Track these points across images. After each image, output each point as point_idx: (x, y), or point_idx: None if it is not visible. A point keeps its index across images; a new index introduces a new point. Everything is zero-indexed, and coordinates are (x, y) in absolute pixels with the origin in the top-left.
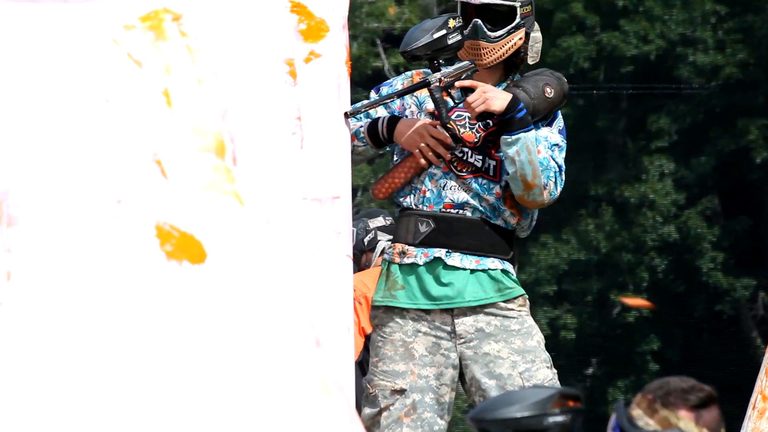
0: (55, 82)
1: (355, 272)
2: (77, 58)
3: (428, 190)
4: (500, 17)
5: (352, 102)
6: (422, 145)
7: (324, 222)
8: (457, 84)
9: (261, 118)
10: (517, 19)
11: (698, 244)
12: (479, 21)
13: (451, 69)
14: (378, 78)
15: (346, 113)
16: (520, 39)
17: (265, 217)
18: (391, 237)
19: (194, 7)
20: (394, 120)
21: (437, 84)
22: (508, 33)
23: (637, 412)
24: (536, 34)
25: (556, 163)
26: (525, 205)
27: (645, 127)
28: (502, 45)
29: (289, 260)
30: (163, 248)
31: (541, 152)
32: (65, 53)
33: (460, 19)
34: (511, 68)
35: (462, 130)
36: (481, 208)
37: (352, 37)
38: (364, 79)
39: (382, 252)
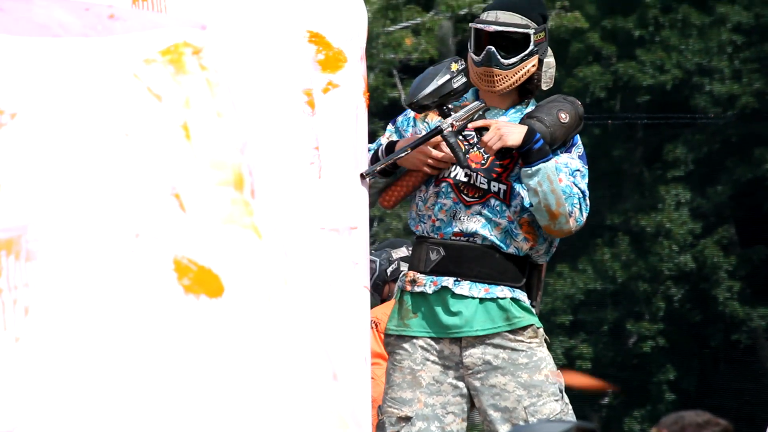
0: (76, 116)
1: (377, 303)
2: (98, 93)
3: (438, 219)
4: (514, 44)
5: (370, 133)
6: (429, 161)
7: (341, 252)
8: (470, 126)
9: (279, 148)
10: (531, 46)
11: (714, 274)
12: (492, 48)
13: (461, 112)
14: (394, 108)
15: (362, 174)
16: (534, 66)
17: (283, 250)
18: None
19: (214, 40)
20: (391, 145)
21: (450, 129)
22: (522, 60)
23: None
24: (549, 60)
25: (579, 189)
26: (553, 234)
27: (661, 157)
28: (515, 72)
29: (307, 293)
30: (181, 282)
31: (562, 180)
32: (86, 88)
33: (463, 62)
34: (525, 94)
35: (471, 149)
36: (491, 237)
37: (369, 68)
38: (380, 110)
39: None
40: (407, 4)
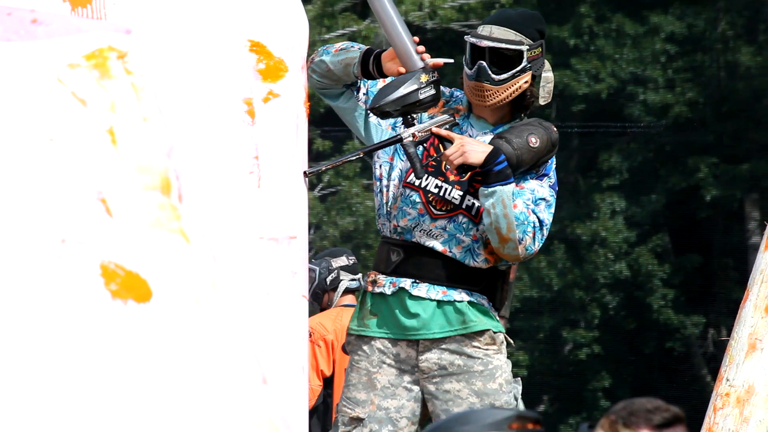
0: None
1: (317, 311)
2: (21, 97)
3: (399, 225)
4: (506, 60)
5: (308, 140)
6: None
7: (280, 262)
8: (434, 130)
9: (218, 157)
10: (524, 63)
11: (649, 282)
12: (484, 63)
13: (426, 124)
14: (330, 116)
15: (305, 172)
16: (526, 82)
17: (211, 254)
18: (353, 276)
19: (141, 45)
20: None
21: (410, 139)
22: (513, 76)
23: None
24: (547, 74)
25: (537, 217)
26: (502, 257)
27: (596, 165)
28: (506, 88)
29: (237, 297)
30: (108, 287)
31: (517, 206)
32: (8, 93)
33: (435, 74)
34: (519, 109)
35: (430, 160)
36: (450, 254)
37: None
38: (316, 117)
39: (345, 291)
40: (343, 12)
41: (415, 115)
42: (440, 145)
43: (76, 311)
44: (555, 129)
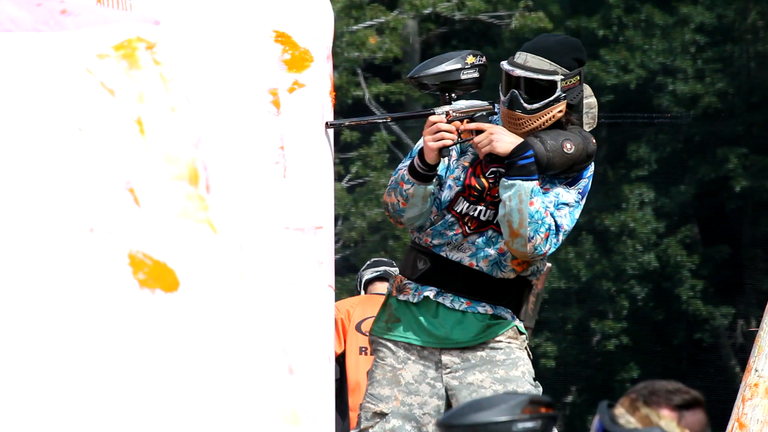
0: (29, 111)
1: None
2: (51, 87)
3: (432, 242)
4: (539, 90)
5: (362, 143)
6: (427, 137)
7: (306, 252)
8: (463, 127)
9: (244, 147)
10: (557, 93)
11: (678, 273)
12: (516, 92)
13: (462, 105)
14: (358, 107)
15: (327, 123)
16: (561, 111)
17: (238, 244)
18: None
19: (169, 36)
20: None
21: (443, 116)
22: (546, 106)
23: (619, 411)
24: (590, 100)
25: (555, 221)
26: (510, 252)
27: (625, 156)
28: (538, 117)
29: (264, 288)
30: (136, 276)
31: (534, 204)
32: (39, 82)
33: (482, 59)
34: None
35: (459, 142)
36: (477, 268)
37: (333, 67)
38: (344, 109)
39: (374, 279)
40: (371, 3)
41: (454, 95)
42: (482, 177)
43: (105, 300)
44: (594, 141)
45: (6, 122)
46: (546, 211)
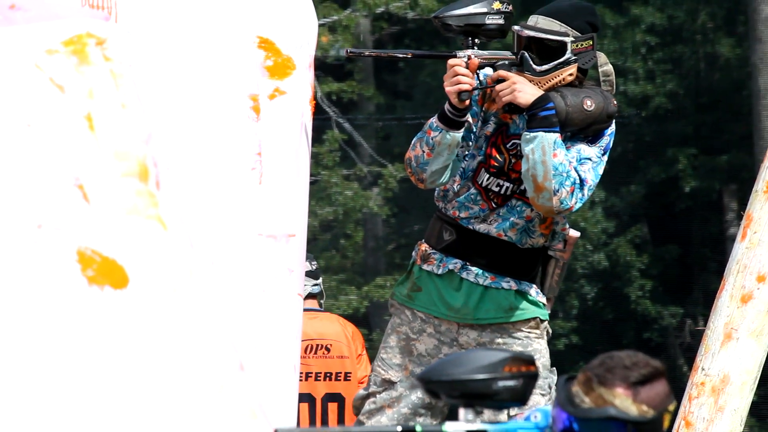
0: None
1: None
2: None
3: (458, 214)
4: (549, 51)
5: (314, 142)
6: (446, 84)
7: (277, 259)
8: (489, 76)
9: (220, 151)
10: (567, 54)
11: (627, 272)
12: (526, 53)
13: (485, 52)
14: None
15: (347, 50)
16: (571, 75)
17: (188, 241)
18: (315, 281)
19: (120, 32)
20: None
21: (464, 59)
22: (556, 68)
23: (575, 389)
24: (606, 68)
25: (578, 174)
26: (537, 209)
27: None
28: (549, 79)
29: (226, 288)
30: (85, 273)
31: (557, 156)
32: None
33: (509, 5)
34: None
35: (479, 88)
36: (505, 237)
37: None
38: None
39: (308, 296)
40: (323, 1)
41: (477, 41)
42: (502, 147)
43: (53, 297)
44: (615, 102)
45: None
46: (570, 165)
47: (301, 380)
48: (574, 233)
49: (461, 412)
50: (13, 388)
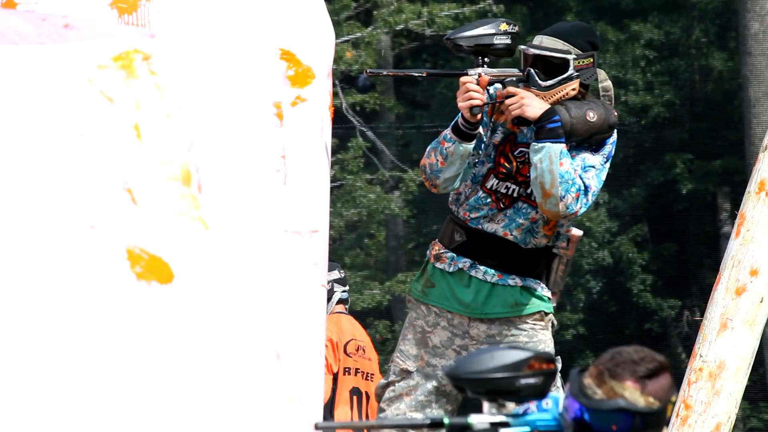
0: (34, 118)
1: None
2: (54, 96)
3: (468, 214)
4: (553, 67)
5: (340, 149)
6: (459, 100)
7: (302, 253)
8: (498, 92)
9: (248, 155)
10: (570, 71)
11: (629, 268)
12: (532, 70)
13: (494, 70)
14: (336, 116)
15: (365, 70)
16: (573, 90)
17: (228, 240)
18: (344, 288)
19: (176, 49)
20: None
21: (475, 77)
22: (560, 83)
23: (587, 381)
24: (606, 83)
25: (582, 181)
26: (544, 213)
27: None
28: (552, 94)
29: (259, 283)
30: (134, 270)
31: (564, 165)
32: (43, 91)
33: (515, 27)
34: None
35: (489, 103)
36: (510, 237)
37: None
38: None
39: (339, 302)
40: (348, 20)
41: (487, 60)
42: (510, 155)
43: (105, 292)
44: (616, 114)
45: (14, 128)
46: (575, 173)
47: (351, 376)
48: (577, 232)
49: (485, 405)
50: (71, 376)
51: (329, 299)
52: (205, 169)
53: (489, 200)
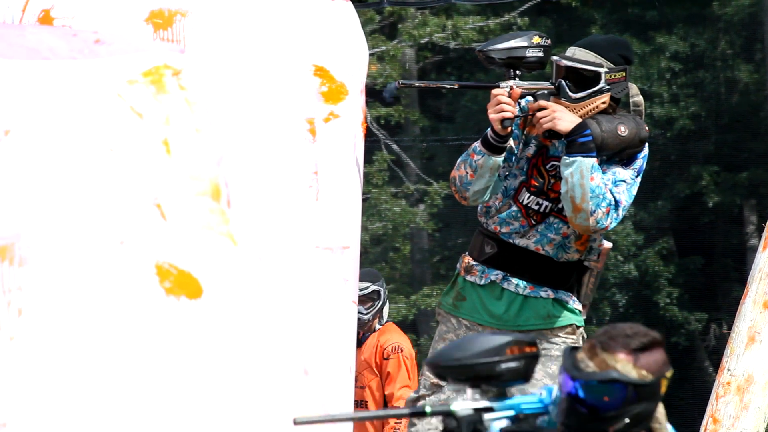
0: (65, 133)
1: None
2: (84, 111)
3: (500, 229)
4: (585, 80)
5: (365, 162)
6: (490, 112)
7: (333, 270)
8: (530, 105)
9: (280, 171)
10: (601, 84)
11: (656, 281)
12: (563, 81)
13: (526, 83)
14: None
15: (398, 82)
16: (604, 103)
17: (257, 255)
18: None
19: (194, 63)
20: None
21: (507, 90)
22: (590, 96)
23: (580, 355)
24: (637, 99)
25: (613, 196)
26: (574, 227)
27: None
28: (583, 106)
29: (289, 298)
30: (163, 285)
31: (594, 180)
32: (74, 106)
33: (548, 40)
34: None
35: (520, 117)
36: (542, 252)
37: None
38: None
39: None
40: (372, 33)
41: (518, 72)
42: (542, 168)
43: (134, 307)
44: (647, 128)
45: (44, 143)
46: (605, 187)
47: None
48: (607, 244)
49: (468, 392)
50: (101, 386)
51: (381, 309)
52: (236, 184)
53: (520, 216)
